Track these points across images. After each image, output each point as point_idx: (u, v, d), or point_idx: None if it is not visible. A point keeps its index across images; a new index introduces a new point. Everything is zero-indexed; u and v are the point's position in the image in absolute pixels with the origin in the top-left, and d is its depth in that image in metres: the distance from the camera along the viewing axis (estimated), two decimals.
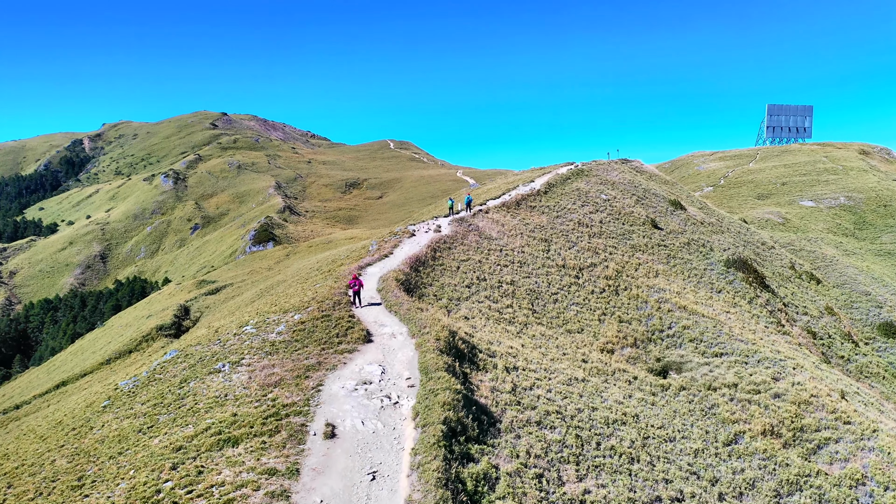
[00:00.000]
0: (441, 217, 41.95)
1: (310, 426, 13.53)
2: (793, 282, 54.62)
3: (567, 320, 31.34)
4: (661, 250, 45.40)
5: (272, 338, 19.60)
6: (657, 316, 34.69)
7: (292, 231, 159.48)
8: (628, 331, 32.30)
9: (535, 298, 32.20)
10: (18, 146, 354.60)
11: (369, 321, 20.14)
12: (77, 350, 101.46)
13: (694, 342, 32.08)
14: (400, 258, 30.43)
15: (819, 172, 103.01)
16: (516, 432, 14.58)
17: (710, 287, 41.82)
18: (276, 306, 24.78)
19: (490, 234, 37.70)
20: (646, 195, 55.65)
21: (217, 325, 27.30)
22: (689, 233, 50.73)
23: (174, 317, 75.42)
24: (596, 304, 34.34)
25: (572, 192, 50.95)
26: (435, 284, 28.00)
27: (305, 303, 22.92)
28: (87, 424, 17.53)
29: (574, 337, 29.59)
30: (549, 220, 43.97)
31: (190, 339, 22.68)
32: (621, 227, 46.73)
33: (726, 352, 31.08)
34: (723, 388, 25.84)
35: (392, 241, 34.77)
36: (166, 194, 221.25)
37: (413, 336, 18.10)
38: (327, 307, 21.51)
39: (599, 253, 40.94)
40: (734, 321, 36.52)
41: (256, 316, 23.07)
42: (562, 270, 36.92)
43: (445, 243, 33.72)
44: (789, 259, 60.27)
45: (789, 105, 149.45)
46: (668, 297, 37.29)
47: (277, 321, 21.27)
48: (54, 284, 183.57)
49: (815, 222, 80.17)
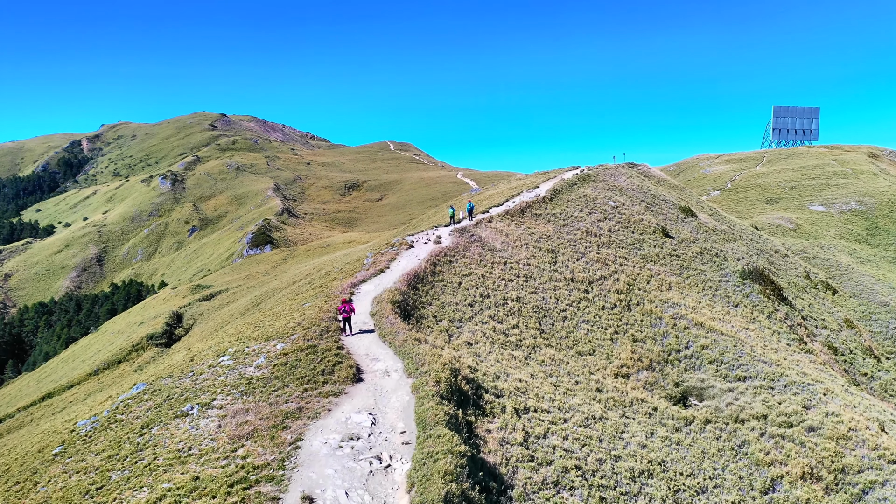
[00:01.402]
0: (441, 226, 39.63)
1: (283, 498, 11.20)
2: (809, 292, 52.28)
3: (577, 340, 29.02)
4: (674, 260, 43.08)
5: (250, 373, 17.27)
6: (673, 334, 32.36)
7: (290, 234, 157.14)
8: (643, 351, 29.96)
9: (542, 316, 29.88)
10: (17, 147, 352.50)
11: (360, 354, 17.78)
12: (69, 357, 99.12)
13: (714, 364, 29.75)
14: (397, 273, 28.10)
15: (828, 176, 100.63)
16: (531, 500, 12.24)
17: (727, 301, 39.48)
18: (258, 331, 22.45)
19: (494, 246, 35.38)
20: (655, 201, 53.32)
21: (196, 348, 24.97)
22: (702, 241, 48.40)
23: (166, 325, 73.12)
24: (607, 322, 32.01)
25: (579, 198, 48.63)
26: (435, 303, 25.67)
27: (290, 329, 20.58)
28: (32, 478, 15.19)
29: (586, 360, 27.26)
30: (556, 229, 41.65)
31: (163, 368, 20.34)
32: (631, 236, 44.40)
33: (750, 375, 28.74)
34: (751, 419, 23.50)
35: (389, 253, 32.44)
36: (164, 196, 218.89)
37: (409, 375, 15.76)
38: (314, 335, 19.16)
39: (609, 264, 38.62)
40: (755, 339, 34.18)
41: (236, 343, 20.74)
42: (570, 284, 34.60)
43: (446, 256, 31.39)
44: (804, 268, 57.94)
45: (795, 107, 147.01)
46: (684, 312, 34.97)
47: (258, 351, 18.94)
48: (50, 287, 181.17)
49: (827, 228, 77.78)
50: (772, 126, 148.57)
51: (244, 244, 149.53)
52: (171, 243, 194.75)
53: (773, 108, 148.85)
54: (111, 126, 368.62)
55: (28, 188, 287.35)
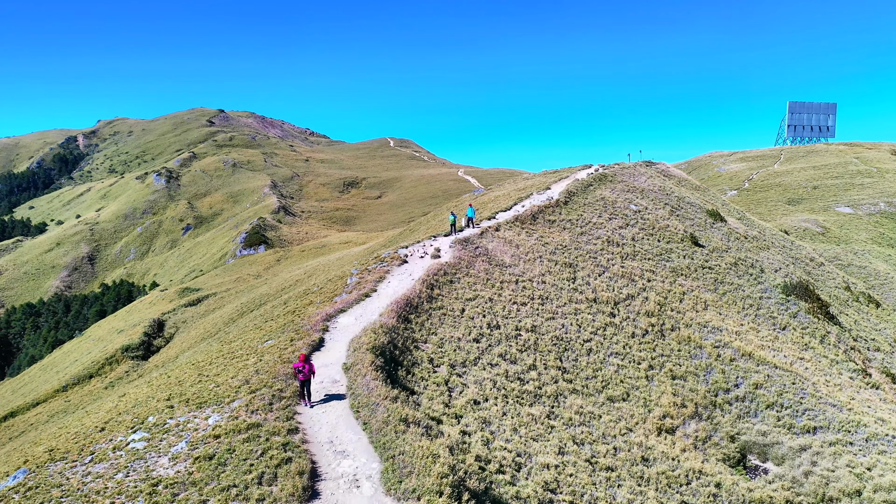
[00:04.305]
0: (441, 235, 34.18)
1: None
2: (851, 306, 46.84)
3: (607, 381, 23.64)
4: (706, 273, 37.66)
5: (160, 469, 11.92)
6: (717, 368, 26.98)
7: (286, 233, 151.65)
8: (686, 393, 24.59)
9: (563, 350, 24.50)
10: (12, 143, 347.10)
11: (321, 441, 12.37)
12: (48, 365, 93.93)
13: (774, 409, 24.36)
14: (385, 300, 22.70)
15: (852, 175, 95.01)
16: None
17: (772, 322, 34.04)
18: (199, 383, 17.04)
19: (502, 260, 29.95)
20: (680, 205, 47.85)
21: (125, 403, 19.58)
22: (735, 250, 42.95)
23: (144, 335, 67.80)
24: (639, 353, 26.63)
25: (596, 201, 43.18)
26: (432, 340, 20.28)
27: (234, 388, 15.21)
28: None
29: (620, 409, 21.88)
30: (573, 237, 36.23)
31: (59, 448, 14.91)
32: (657, 245, 38.98)
33: (820, 425, 23.36)
34: (843, 498, 18.12)
35: (377, 270, 27.00)
36: (158, 193, 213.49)
37: (389, 491, 10.42)
38: (261, 404, 13.79)
39: (636, 280, 33.19)
40: (813, 372, 28.78)
41: (163, 407, 15.34)
42: (593, 306, 29.20)
43: (446, 275, 25.98)
44: (842, 278, 52.48)
45: (811, 102, 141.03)
46: (727, 339, 29.58)
47: (183, 427, 13.56)
48: (39, 287, 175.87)
49: (857, 231, 72.26)
50: (787, 122, 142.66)
51: (238, 244, 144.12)
52: (164, 242, 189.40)
53: (788, 104, 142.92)
54: (108, 122, 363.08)
55: (22, 185, 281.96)
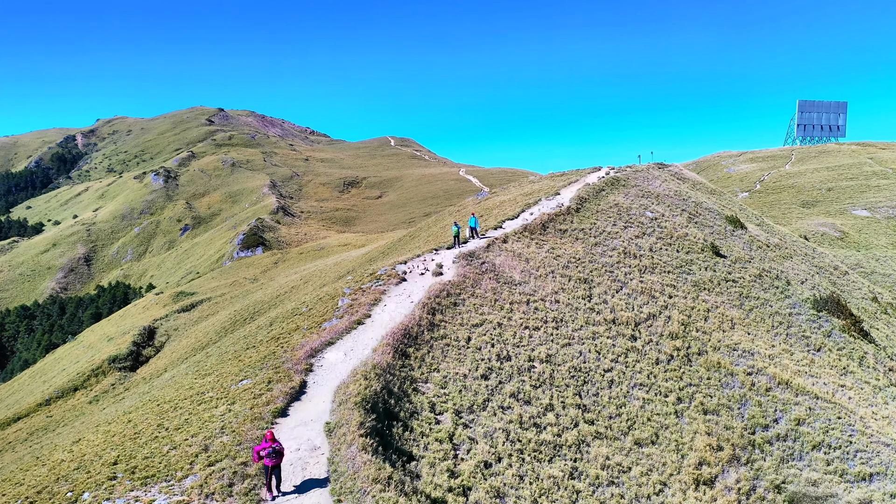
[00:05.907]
0: (443, 248, 31.27)
1: None
2: (880, 319, 43.94)
3: (632, 419, 20.80)
4: (731, 287, 34.79)
5: None
6: (753, 399, 24.12)
7: (285, 234, 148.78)
8: (720, 431, 21.74)
9: (582, 384, 21.66)
10: (10, 142, 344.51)
11: None
12: (39, 371, 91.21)
13: (821, 450, 21.50)
14: (379, 329, 19.86)
15: (867, 176, 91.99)
16: None
17: (805, 343, 31.16)
18: (154, 441, 14.21)
19: (511, 277, 27.09)
20: (698, 211, 44.97)
21: (75, 454, 16.72)
22: (758, 261, 40.08)
23: (132, 345, 65.03)
24: (665, 384, 23.78)
25: (610, 208, 40.31)
26: (433, 379, 17.45)
27: (193, 455, 12.39)
28: None
29: (651, 456, 19.03)
30: (586, 249, 33.35)
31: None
32: (676, 256, 36.11)
33: (877, 471, 20.50)
34: None
35: (372, 290, 24.13)
36: (156, 193, 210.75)
37: None
38: (219, 486, 10.99)
39: (657, 297, 30.33)
40: (857, 402, 25.91)
41: (102, 483, 12.47)
42: (612, 328, 26.35)
43: (449, 296, 23.13)
44: (868, 287, 49.59)
45: (822, 101, 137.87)
46: (759, 364, 26.73)
47: None
48: (35, 289, 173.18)
49: (876, 236, 69.28)
50: (796, 121, 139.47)
51: (235, 246, 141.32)
52: (162, 242, 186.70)
53: (798, 103, 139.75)
54: (107, 121, 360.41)
55: (20, 184, 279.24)
